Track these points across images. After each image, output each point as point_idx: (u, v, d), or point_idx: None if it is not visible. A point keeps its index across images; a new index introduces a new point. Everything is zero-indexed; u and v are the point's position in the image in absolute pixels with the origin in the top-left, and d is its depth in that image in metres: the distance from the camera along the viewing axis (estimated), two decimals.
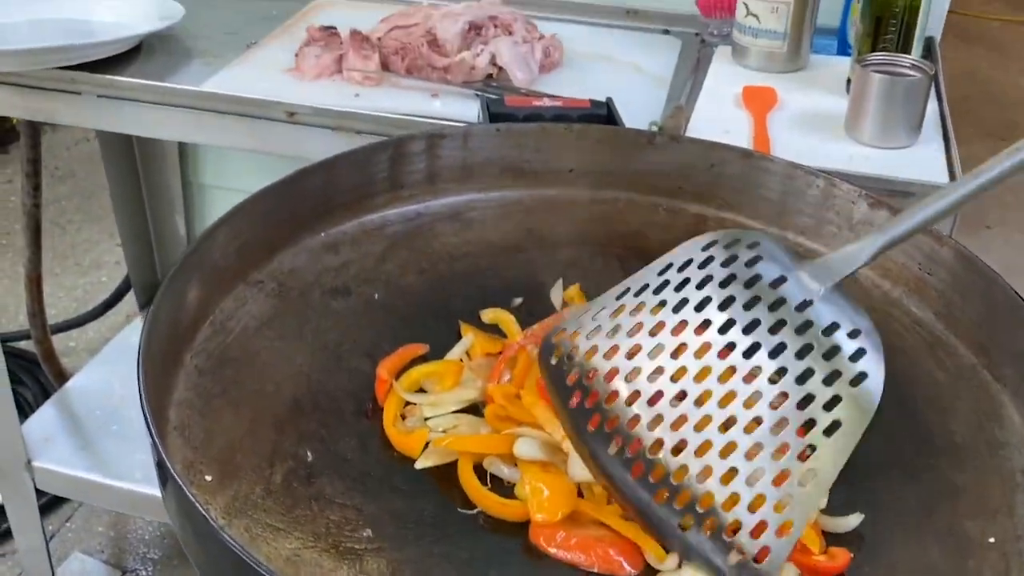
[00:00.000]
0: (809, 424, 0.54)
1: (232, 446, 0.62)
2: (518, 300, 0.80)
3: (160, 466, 0.55)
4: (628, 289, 0.61)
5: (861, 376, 0.55)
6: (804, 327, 0.56)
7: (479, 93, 1.16)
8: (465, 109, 1.13)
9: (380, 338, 0.74)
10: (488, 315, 0.78)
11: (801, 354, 0.55)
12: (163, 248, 1.98)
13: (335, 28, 1.24)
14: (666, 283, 0.60)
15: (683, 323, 0.57)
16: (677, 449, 0.55)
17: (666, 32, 1.42)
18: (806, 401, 0.54)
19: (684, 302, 0.58)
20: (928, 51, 1.30)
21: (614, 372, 0.58)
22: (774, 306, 0.57)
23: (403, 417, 0.67)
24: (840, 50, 1.32)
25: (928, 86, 1.03)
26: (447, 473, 0.63)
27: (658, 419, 0.56)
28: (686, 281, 0.59)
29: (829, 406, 0.54)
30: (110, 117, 1.20)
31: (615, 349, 0.58)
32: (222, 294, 0.74)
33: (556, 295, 0.80)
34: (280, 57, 1.26)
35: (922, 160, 1.01)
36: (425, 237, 0.86)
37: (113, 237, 2.71)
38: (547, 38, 1.28)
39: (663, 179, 0.90)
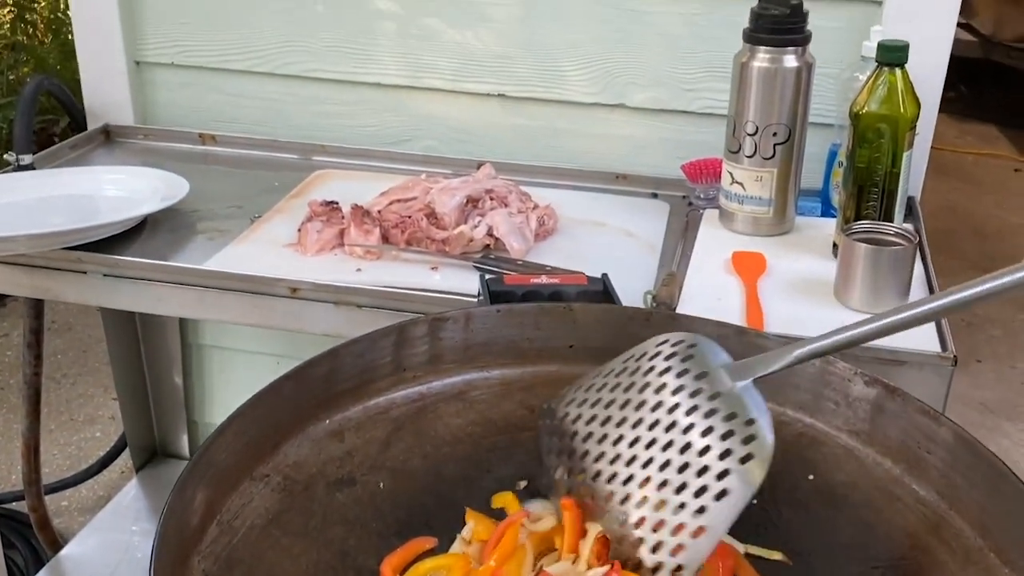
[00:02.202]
0: (702, 490, 0.66)
1: None
2: (523, 483, 0.81)
3: None
4: (612, 370, 0.75)
5: (748, 457, 0.65)
6: (711, 412, 0.68)
7: (478, 266, 1.19)
8: (464, 282, 1.15)
9: (386, 530, 0.74)
10: (496, 501, 0.78)
11: (705, 433, 0.67)
12: (160, 406, 1.98)
13: (336, 203, 1.29)
14: (637, 369, 0.73)
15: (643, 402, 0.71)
16: (623, 497, 0.68)
17: (655, 196, 1.47)
18: (703, 471, 0.66)
19: (646, 385, 0.72)
20: (910, 210, 1.34)
21: (590, 435, 0.72)
22: (694, 394, 0.69)
23: None
24: (824, 211, 1.36)
25: (913, 255, 1.07)
26: None
27: (612, 476, 0.70)
28: (651, 369, 0.73)
29: (720, 477, 0.66)
30: (115, 295, 1.22)
31: (594, 417, 0.73)
32: (228, 492, 0.74)
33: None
34: (283, 232, 1.30)
35: None
36: (429, 419, 0.87)
37: (108, 391, 2.71)
38: (541, 208, 1.32)
39: None
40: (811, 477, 0.82)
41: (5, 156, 1.46)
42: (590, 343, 0.92)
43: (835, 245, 1.20)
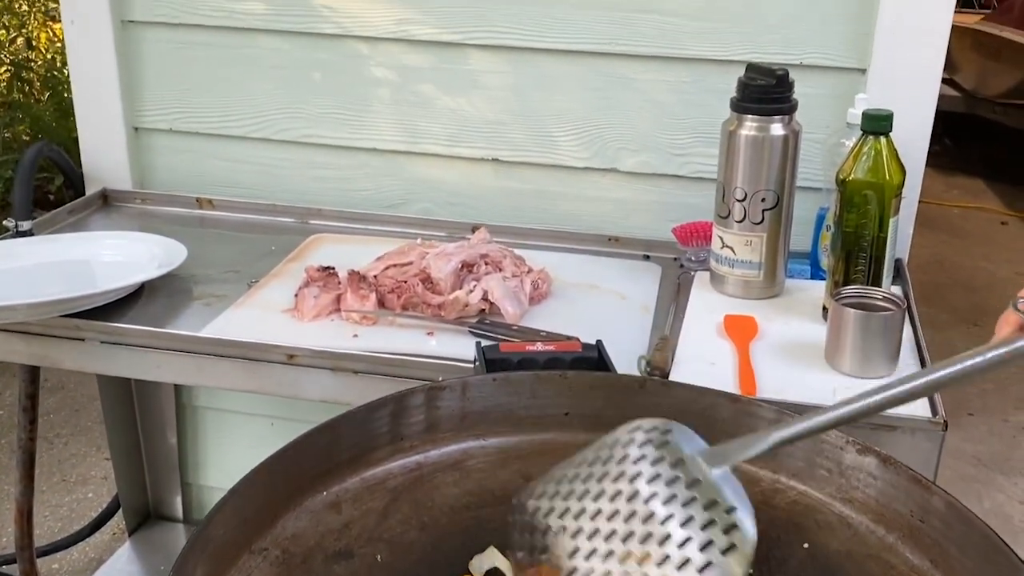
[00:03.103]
0: None
1: None
2: (520, 554, 0.81)
3: None
4: (584, 460, 0.72)
5: (730, 547, 0.63)
6: (689, 501, 0.65)
7: (473, 331, 1.20)
8: (460, 347, 1.16)
9: None
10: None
11: (684, 523, 0.64)
12: (154, 467, 1.98)
13: (333, 268, 1.30)
14: (610, 457, 0.70)
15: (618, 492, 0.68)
16: None
17: (646, 258, 1.49)
18: (684, 564, 0.63)
19: (621, 475, 0.69)
20: (898, 271, 1.36)
21: (563, 529, 0.69)
22: (671, 482, 0.66)
23: None
24: (814, 274, 1.38)
25: (902, 320, 1.08)
26: None
27: (590, 573, 0.66)
28: (624, 457, 0.70)
29: (702, 569, 0.63)
30: (113, 363, 1.23)
31: (567, 511, 0.70)
32: (227, 567, 0.74)
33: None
34: (279, 297, 1.31)
35: None
36: (426, 489, 0.88)
37: (101, 450, 2.70)
38: (535, 271, 1.34)
39: None
40: (805, 545, 0.83)
41: (4, 222, 1.48)
42: (585, 411, 0.93)
43: (825, 308, 1.22)
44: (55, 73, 4.35)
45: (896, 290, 1.29)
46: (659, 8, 1.46)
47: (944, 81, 1.39)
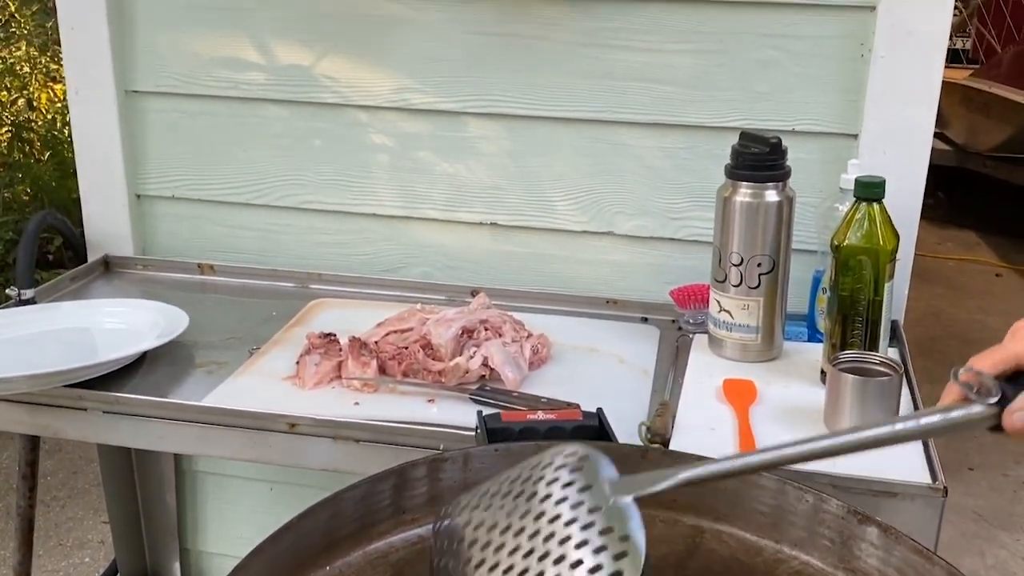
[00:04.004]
0: None
1: None
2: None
3: None
4: (509, 477, 0.75)
5: (617, 573, 0.65)
6: (588, 526, 0.68)
7: (474, 398, 1.21)
8: (461, 415, 1.17)
9: None
10: None
11: (579, 545, 0.67)
12: (152, 531, 1.96)
13: (334, 335, 1.31)
14: (529, 477, 0.74)
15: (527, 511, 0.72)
16: None
17: (645, 320, 1.51)
18: None
19: (534, 494, 0.73)
20: (894, 333, 1.37)
21: (476, 542, 0.72)
22: (575, 506, 0.69)
23: None
24: (811, 336, 1.39)
25: (899, 384, 1.09)
26: None
27: None
28: (541, 478, 0.74)
29: None
30: (115, 432, 1.23)
31: (482, 523, 0.73)
32: None
33: None
34: (281, 364, 1.32)
35: (901, 457, 1.05)
36: (428, 563, 0.88)
37: (98, 513, 2.68)
38: (535, 336, 1.35)
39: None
40: None
41: (7, 291, 1.49)
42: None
43: (823, 372, 1.23)
44: (55, 133, 4.40)
45: (893, 352, 1.30)
46: (653, 77, 1.49)
47: (935, 135, 1.42)
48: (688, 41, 1.47)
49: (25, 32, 4.82)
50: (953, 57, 5.53)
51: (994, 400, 0.69)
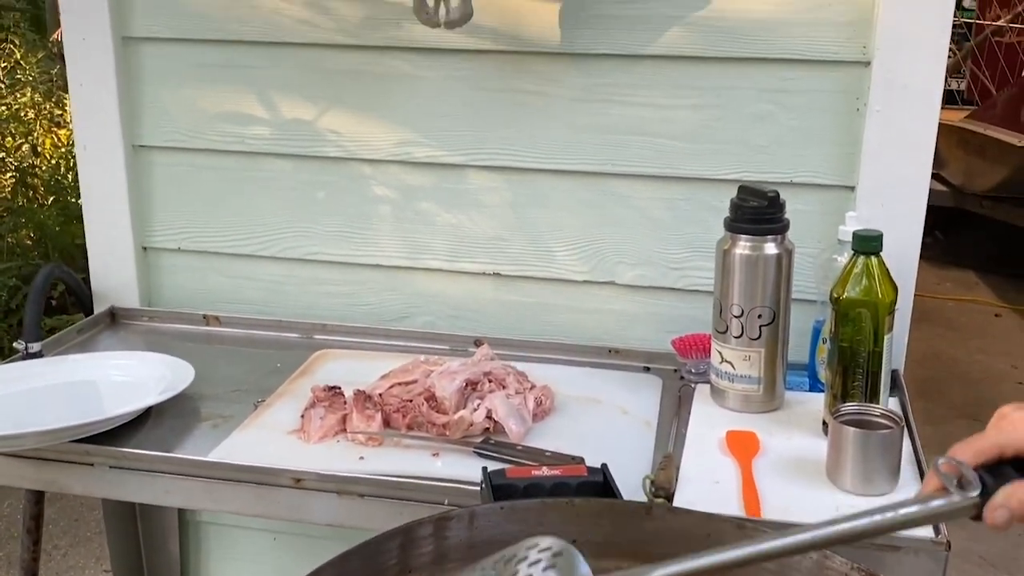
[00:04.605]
0: None
1: None
2: None
3: None
4: (483, 567, 0.75)
5: None
6: None
7: (478, 452, 1.22)
8: (465, 469, 1.18)
9: None
10: None
11: None
12: None
13: (339, 388, 1.32)
14: (504, 571, 0.73)
15: None
16: None
17: (647, 370, 1.52)
18: None
19: None
20: (895, 383, 1.38)
21: None
22: None
23: None
24: (812, 386, 1.40)
25: (900, 436, 1.10)
26: None
27: None
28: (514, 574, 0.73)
29: None
30: (121, 488, 1.24)
31: None
32: None
33: None
34: (286, 417, 1.33)
35: None
36: None
37: (100, 562, 2.67)
38: (538, 388, 1.36)
39: (662, 546, 0.93)
40: None
41: (15, 344, 1.50)
42: (592, 537, 0.94)
43: (824, 423, 1.24)
44: (59, 178, 4.44)
45: (894, 402, 1.31)
46: (652, 131, 1.52)
47: (932, 176, 1.44)
48: (686, 96, 1.50)
49: (30, 78, 4.89)
50: (948, 98, 5.57)
51: (974, 493, 0.70)
